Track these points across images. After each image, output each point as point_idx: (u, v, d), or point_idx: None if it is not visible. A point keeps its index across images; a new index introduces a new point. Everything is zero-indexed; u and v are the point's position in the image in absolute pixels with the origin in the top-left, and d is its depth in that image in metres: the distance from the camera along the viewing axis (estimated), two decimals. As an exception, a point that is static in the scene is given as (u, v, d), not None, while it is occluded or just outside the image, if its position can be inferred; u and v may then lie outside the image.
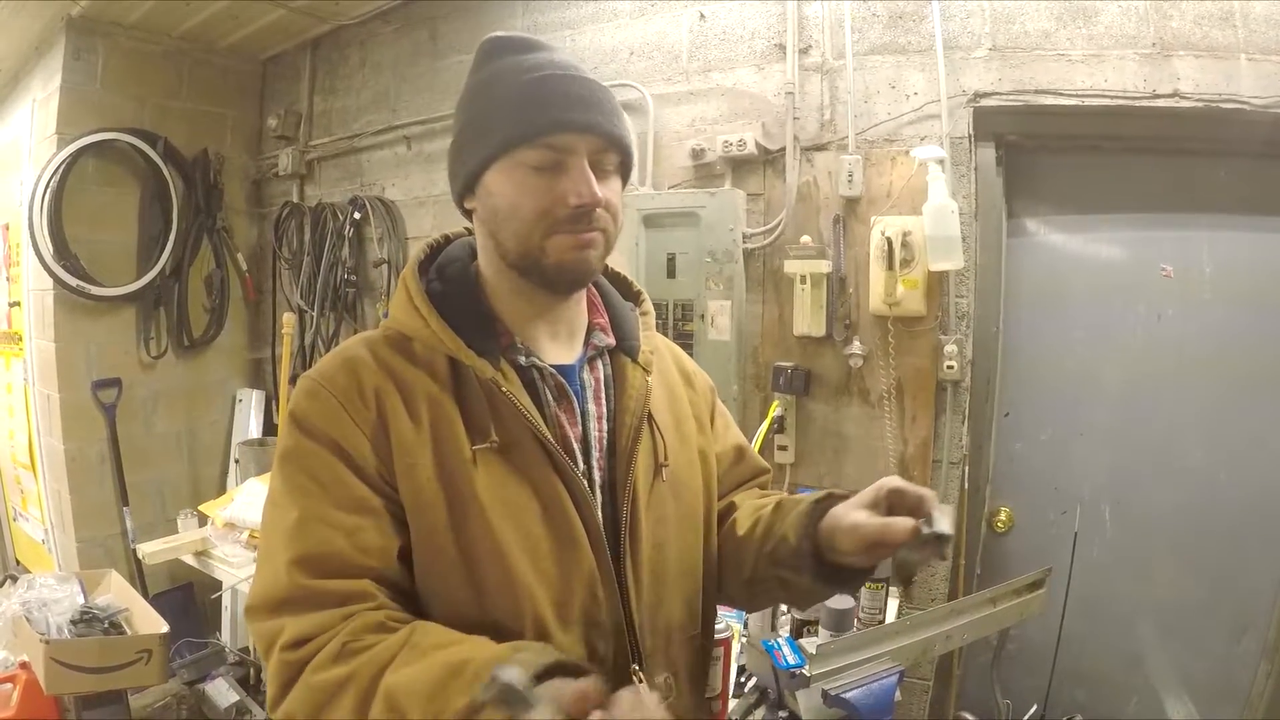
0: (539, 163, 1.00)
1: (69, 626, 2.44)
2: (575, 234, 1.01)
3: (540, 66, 1.03)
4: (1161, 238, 2.46)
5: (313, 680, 0.88)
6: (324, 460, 0.98)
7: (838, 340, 2.66)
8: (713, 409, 1.33)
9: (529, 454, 1.02)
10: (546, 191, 1.00)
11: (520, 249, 1.03)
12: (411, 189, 3.70)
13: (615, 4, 3.07)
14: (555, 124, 0.99)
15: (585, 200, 0.99)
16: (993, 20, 2.45)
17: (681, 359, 1.33)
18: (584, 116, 1.00)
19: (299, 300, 3.97)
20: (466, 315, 1.06)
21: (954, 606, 1.86)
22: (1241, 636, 2.43)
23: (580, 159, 1.00)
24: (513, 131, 1.00)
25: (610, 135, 1.03)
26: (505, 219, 1.03)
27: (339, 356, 1.06)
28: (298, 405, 1.02)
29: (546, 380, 1.07)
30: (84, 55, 3.53)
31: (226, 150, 4.09)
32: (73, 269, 3.52)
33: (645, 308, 1.24)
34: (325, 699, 0.88)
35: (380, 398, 1.00)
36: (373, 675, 0.86)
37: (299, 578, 0.93)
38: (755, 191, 2.81)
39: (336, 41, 3.94)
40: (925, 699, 2.62)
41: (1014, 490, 2.68)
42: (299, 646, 0.90)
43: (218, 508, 3.06)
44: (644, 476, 1.10)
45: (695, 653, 1.20)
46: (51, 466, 3.80)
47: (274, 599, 0.94)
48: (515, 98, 1.02)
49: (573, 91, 1.02)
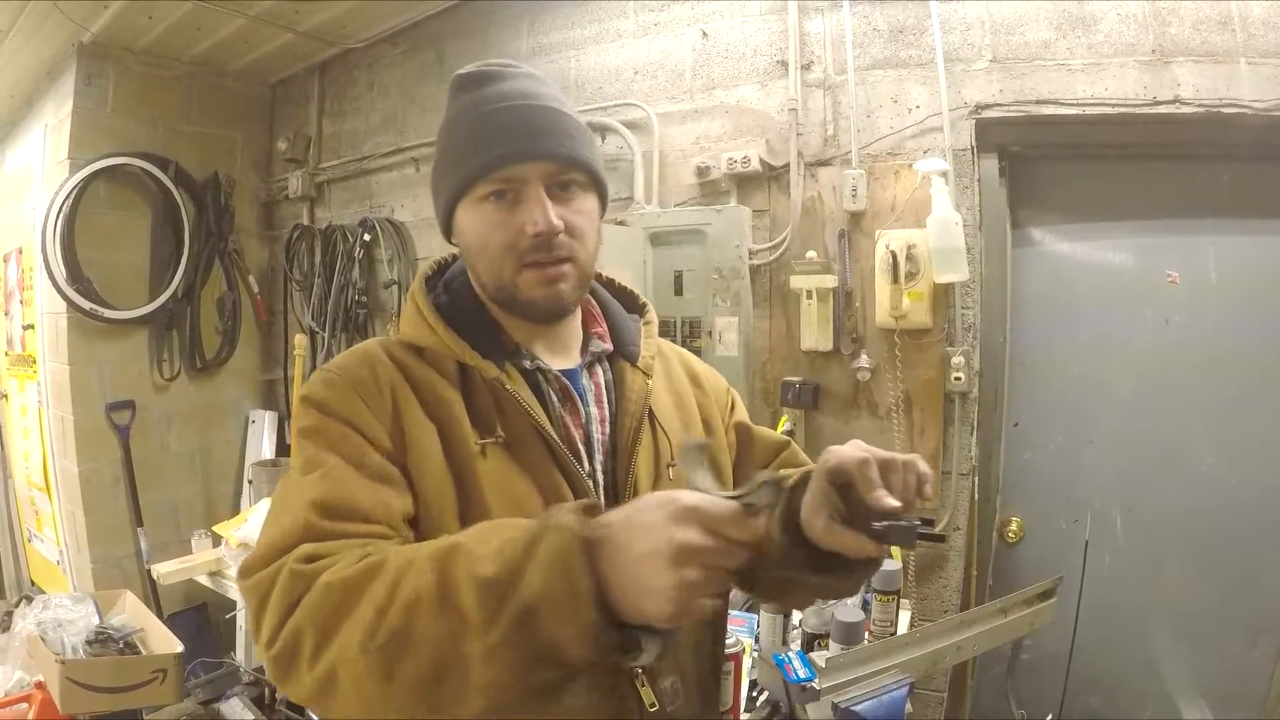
0: (495, 196, 1.03)
1: (84, 646, 2.44)
2: (542, 268, 1.03)
3: (494, 99, 1.05)
4: (1166, 244, 2.46)
5: (333, 578, 0.81)
6: (344, 434, 0.98)
7: (845, 354, 2.67)
8: (728, 408, 1.32)
9: (533, 450, 1.04)
10: (506, 224, 1.02)
11: (495, 284, 1.06)
12: (420, 210, 3.72)
13: (619, 24, 3.10)
14: (501, 158, 1.02)
15: (541, 228, 1.01)
16: (993, 32, 2.46)
17: (690, 363, 1.33)
18: (530, 146, 1.02)
19: (310, 321, 4.00)
20: (472, 324, 1.09)
21: (965, 617, 1.87)
22: (1257, 640, 2.42)
23: (534, 187, 1.02)
24: (468, 170, 1.03)
25: (567, 157, 1.04)
26: (477, 254, 1.06)
27: (354, 353, 1.08)
28: (314, 392, 1.02)
29: (551, 382, 1.09)
30: (95, 80, 3.58)
31: (237, 173, 4.13)
32: (86, 292, 3.56)
33: (649, 318, 1.25)
34: (345, 595, 0.80)
35: (394, 389, 1.02)
36: (408, 556, 0.81)
37: (316, 517, 0.89)
38: (760, 208, 2.82)
39: (344, 64, 3.98)
40: (940, 710, 2.61)
41: (1024, 500, 2.67)
42: (313, 561, 0.85)
43: (231, 528, 3.06)
44: (646, 477, 1.11)
45: (704, 660, 1.19)
46: (66, 488, 3.83)
47: (284, 544, 0.88)
48: (468, 135, 1.05)
49: (519, 122, 1.03)
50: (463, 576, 0.76)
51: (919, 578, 2.63)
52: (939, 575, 2.64)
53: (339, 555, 0.85)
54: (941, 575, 2.63)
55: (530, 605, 0.73)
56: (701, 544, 0.72)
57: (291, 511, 0.91)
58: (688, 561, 0.71)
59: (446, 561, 0.77)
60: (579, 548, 0.73)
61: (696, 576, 0.71)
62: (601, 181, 1.12)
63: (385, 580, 0.79)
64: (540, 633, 0.73)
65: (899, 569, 2.16)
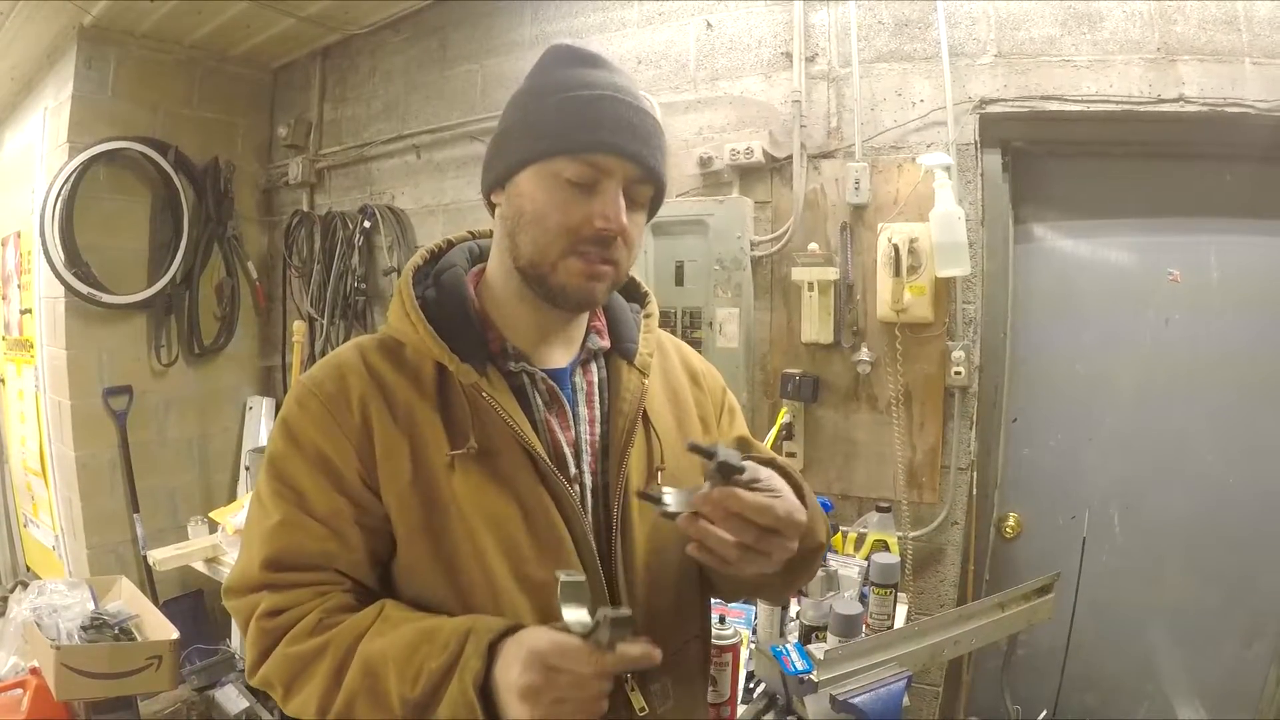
0: (576, 177, 1.00)
1: (79, 632, 2.44)
2: (589, 262, 1.02)
3: (600, 85, 1.03)
4: (1168, 242, 2.46)
5: (290, 651, 0.96)
6: (305, 469, 1.02)
7: (846, 347, 2.67)
8: (721, 407, 1.31)
9: (511, 459, 1.02)
10: (576, 208, 1.00)
11: (533, 257, 1.03)
12: (421, 197, 3.72)
13: (623, 13, 3.09)
14: (601, 144, 0.99)
15: (611, 225, 1.00)
16: (998, 27, 2.46)
17: (689, 358, 1.32)
18: (630, 144, 1.01)
19: (309, 308, 3.99)
20: (456, 321, 1.06)
21: (962, 612, 1.87)
22: (1253, 641, 2.43)
23: (616, 183, 1.01)
24: (559, 140, 1.00)
25: (649, 168, 1.03)
26: (528, 223, 1.02)
27: (331, 362, 1.09)
28: (289, 412, 1.06)
29: (538, 385, 1.08)
30: (96, 64, 3.56)
31: (237, 159, 4.11)
32: (84, 276, 3.54)
33: (649, 309, 1.24)
34: (302, 667, 0.95)
35: (365, 404, 1.03)
36: (348, 644, 0.94)
37: (270, 574, 1.00)
38: (763, 199, 2.82)
39: (346, 50, 3.97)
40: (935, 704, 2.62)
41: (1023, 496, 2.68)
42: (275, 616, 0.98)
43: (228, 514, 3.06)
44: (638, 478, 1.10)
45: (696, 655, 1.19)
46: (62, 473, 3.82)
47: (248, 584, 1.02)
48: (569, 109, 1.01)
49: (625, 117, 1.02)
50: (393, 692, 0.90)
51: (916, 571, 2.64)
52: (936, 569, 2.64)
53: (296, 611, 0.98)
54: (939, 569, 2.64)
55: None
56: (543, 684, 0.83)
57: (251, 556, 1.03)
58: (537, 700, 0.83)
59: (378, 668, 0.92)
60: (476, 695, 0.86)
61: (549, 712, 0.83)
62: (659, 205, 1.12)
63: (330, 666, 0.94)
64: None
65: (897, 562, 2.16)
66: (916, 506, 2.62)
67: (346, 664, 0.93)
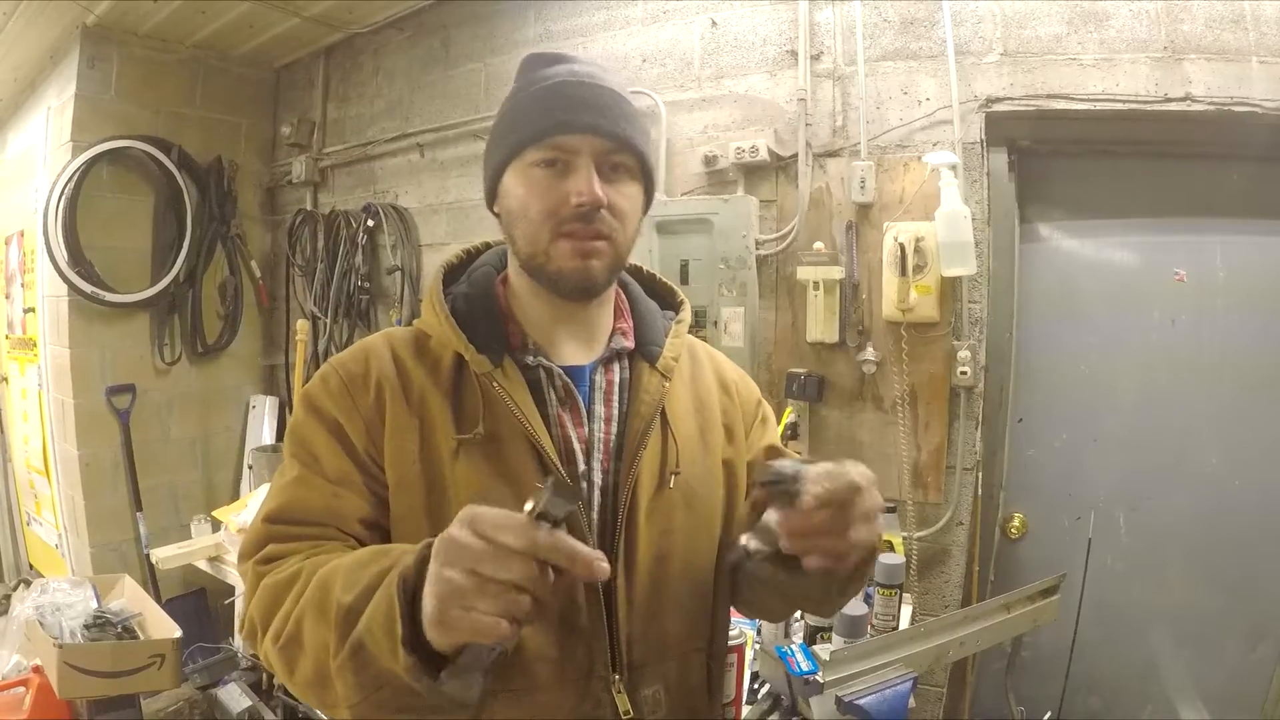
0: (544, 162, 1.03)
1: (82, 631, 2.44)
2: (577, 240, 1.03)
3: (558, 75, 1.07)
4: (1174, 242, 2.45)
5: (267, 582, 0.96)
6: (321, 435, 1.05)
7: (851, 346, 2.66)
8: (754, 418, 1.29)
9: (516, 450, 1.03)
10: (552, 192, 1.03)
11: (529, 250, 1.06)
12: (425, 196, 3.72)
13: (627, 11, 3.08)
14: (558, 125, 1.03)
15: (585, 199, 1.01)
16: (1004, 25, 2.45)
17: (722, 367, 1.30)
18: (585, 117, 1.03)
19: (312, 307, 3.99)
20: (479, 315, 1.10)
21: (967, 613, 1.86)
22: (1257, 644, 2.42)
23: (585, 159, 1.03)
24: (524, 134, 1.05)
25: (614, 135, 1.04)
26: (517, 218, 1.06)
27: (359, 346, 1.14)
28: (312, 386, 1.10)
29: (553, 380, 1.09)
30: (98, 63, 3.56)
31: (240, 158, 4.11)
32: (87, 275, 3.54)
33: (682, 315, 1.24)
34: (273, 597, 0.94)
35: (381, 386, 1.06)
36: (313, 569, 0.91)
37: (271, 526, 1.02)
38: (768, 198, 2.81)
39: (349, 49, 3.97)
40: (939, 706, 2.61)
41: (1028, 496, 2.67)
42: (269, 561, 0.99)
43: (231, 513, 3.06)
44: (648, 482, 1.09)
45: (698, 669, 1.15)
46: (65, 472, 3.82)
47: (255, 540, 1.03)
48: (528, 103, 1.06)
49: (578, 95, 1.04)
50: (334, 600, 0.84)
51: (920, 572, 2.63)
52: (941, 570, 2.63)
53: (289, 558, 0.97)
54: (943, 570, 2.63)
55: (360, 639, 0.80)
56: (458, 553, 0.72)
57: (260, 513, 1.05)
58: (454, 564, 0.72)
59: (330, 581, 0.86)
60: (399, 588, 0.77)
61: (463, 582, 0.71)
62: (650, 172, 1.11)
63: (296, 589, 0.90)
64: (373, 664, 0.80)
65: (902, 563, 2.15)
66: (921, 507, 2.61)
67: (308, 585, 0.90)
